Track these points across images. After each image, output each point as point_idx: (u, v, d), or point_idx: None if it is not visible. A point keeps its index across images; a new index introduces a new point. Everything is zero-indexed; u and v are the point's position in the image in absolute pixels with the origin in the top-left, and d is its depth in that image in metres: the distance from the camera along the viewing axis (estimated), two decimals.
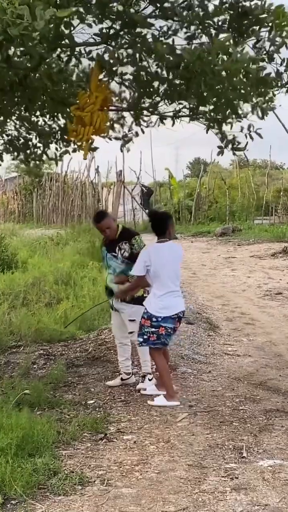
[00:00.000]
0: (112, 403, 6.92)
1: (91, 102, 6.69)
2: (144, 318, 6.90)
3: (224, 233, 27.52)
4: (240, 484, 4.75)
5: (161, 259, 6.88)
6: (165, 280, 6.90)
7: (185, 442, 5.68)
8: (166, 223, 7.10)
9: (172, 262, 7.01)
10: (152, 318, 6.83)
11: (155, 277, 6.86)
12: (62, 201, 36.70)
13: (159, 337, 6.88)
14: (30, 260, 15.93)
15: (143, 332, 6.91)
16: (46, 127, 8.07)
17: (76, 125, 6.80)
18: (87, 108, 6.68)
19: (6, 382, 7.36)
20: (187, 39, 6.35)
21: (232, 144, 7.25)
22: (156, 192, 36.98)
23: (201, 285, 15.03)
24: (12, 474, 4.66)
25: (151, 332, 6.86)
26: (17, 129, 8.15)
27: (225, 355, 9.07)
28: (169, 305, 6.91)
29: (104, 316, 10.84)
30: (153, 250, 6.95)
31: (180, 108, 7.34)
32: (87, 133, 6.76)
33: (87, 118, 6.69)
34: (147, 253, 6.92)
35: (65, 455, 5.36)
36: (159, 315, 6.83)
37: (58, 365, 8.12)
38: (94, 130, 6.81)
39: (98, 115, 6.73)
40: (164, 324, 6.85)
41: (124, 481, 4.86)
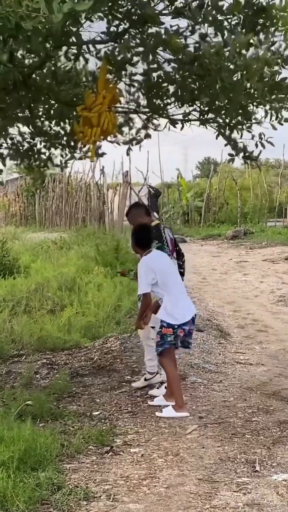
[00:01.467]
0: (118, 415, 6.92)
1: (99, 102, 6.70)
2: (164, 327, 6.90)
3: (235, 236, 27.51)
4: (253, 499, 4.73)
5: (161, 266, 6.97)
6: (173, 285, 6.96)
7: (195, 455, 5.67)
8: (149, 234, 7.22)
9: (171, 267, 7.15)
10: (174, 326, 6.86)
11: (163, 286, 6.90)
12: (65, 203, 36.69)
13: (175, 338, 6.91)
14: (33, 265, 15.94)
15: (164, 342, 6.91)
16: (51, 131, 8.09)
17: (83, 126, 6.81)
18: (95, 108, 6.69)
19: (8, 393, 7.37)
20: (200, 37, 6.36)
21: (244, 152, 7.27)
22: (164, 194, 36.98)
23: (212, 291, 15.02)
24: (14, 489, 4.66)
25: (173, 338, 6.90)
26: (21, 134, 8.17)
27: (237, 364, 9.06)
28: (185, 310, 6.99)
29: (110, 323, 10.87)
30: (150, 261, 6.98)
31: (190, 110, 7.35)
32: (95, 135, 6.77)
33: (94, 119, 6.70)
34: (147, 267, 6.94)
35: (69, 469, 5.35)
36: (179, 322, 6.87)
37: (62, 374, 8.12)
38: (102, 132, 6.83)
39: (105, 116, 6.75)
40: (184, 326, 6.91)
41: (131, 496, 4.85)
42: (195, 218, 34.89)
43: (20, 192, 41.91)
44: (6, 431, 5.53)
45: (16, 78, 6.49)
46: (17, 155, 8.20)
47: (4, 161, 8.04)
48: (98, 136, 6.82)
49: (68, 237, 23.28)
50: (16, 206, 41.96)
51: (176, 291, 7.00)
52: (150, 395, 7.45)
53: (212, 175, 36.90)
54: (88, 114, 6.70)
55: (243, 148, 7.24)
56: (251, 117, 6.97)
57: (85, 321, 10.79)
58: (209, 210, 34.69)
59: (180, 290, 7.09)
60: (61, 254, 18.50)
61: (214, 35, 6.24)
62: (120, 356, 9.23)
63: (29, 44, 5.87)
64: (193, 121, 7.52)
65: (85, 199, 34.93)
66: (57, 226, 35.93)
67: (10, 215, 42.07)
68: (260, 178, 34.60)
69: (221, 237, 28.11)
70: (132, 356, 9.13)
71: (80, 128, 6.84)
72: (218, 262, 20.65)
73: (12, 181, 43.74)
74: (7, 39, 5.84)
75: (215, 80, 6.16)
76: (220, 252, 23.50)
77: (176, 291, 6.99)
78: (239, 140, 7.24)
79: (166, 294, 6.92)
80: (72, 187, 37.06)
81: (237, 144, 7.24)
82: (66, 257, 17.42)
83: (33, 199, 40.33)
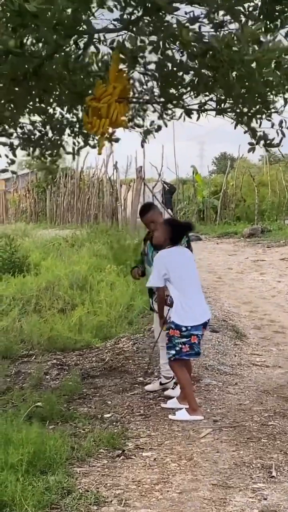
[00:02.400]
0: (130, 417, 6.93)
1: (109, 92, 6.68)
2: (172, 328, 6.88)
3: (252, 234, 27.41)
4: (268, 505, 4.73)
5: (177, 263, 6.95)
6: (187, 285, 6.95)
7: (209, 459, 5.67)
8: (183, 233, 7.28)
9: (189, 265, 7.10)
10: (181, 328, 6.82)
11: (177, 284, 6.88)
12: (77, 199, 36.73)
13: (192, 347, 6.89)
14: (43, 263, 15.96)
15: (174, 344, 6.88)
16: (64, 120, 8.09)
17: (92, 117, 6.80)
18: (104, 99, 6.67)
19: (17, 394, 7.40)
20: (214, 26, 6.33)
21: (264, 140, 7.23)
22: (179, 190, 36.93)
23: (227, 290, 14.99)
24: (23, 493, 4.68)
25: (183, 342, 6.84)
26: (32, 122, 8.17)
27: (253, 366, 9.05)
28: (198, 312, 6.95)
29: (122, 324, 10.87)
30: (166, 256, 6.97)
31: (206, 100, 7.33)
32: (103, 126, 6.76)
33: (103, 110, 6.68)
34: (161, 261, 6.93)
35: (79, 473, 5.36)
36: (189, 324, 6.84)
37: (73, 375, 8.14)
38: (111, 123, 6.81)
39: (115, 106, 6.73)
40: (195, 332, 6.87)
41: (143, 501, 4.86)
42: (210, 216, 34.82)
43: (30, 188, 41.95)
44: (15, 433, 5.55)
45: (26, 68, 6.49)
46: (29, 144, 8.21)
47: (14, 151, 8.05)
48: (106, 128, 6.81)
49: (80, 234, 23.30)
50: (27, 202, 42.01)
51: (190, 291, 6.97)
52: (165, 396, 7.46)
53: (229, 171, 36.76)
54: (97, 105, 6.69)
55: (263, 136, 7.20)
56: (270, 106, 6.93)
57: (96, 321, 10.80)
58: (225, 207, 34.59)
59: (195, 290, 7.06)
60: (72, 251, 18.50)
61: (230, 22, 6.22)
62: (132, 357, 9.25)
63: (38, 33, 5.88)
64: (209, 111, 7.49)
65: (97, 195, 34.95)
66: (68, 223, 35.97)
67: (21, 211, 42.13)
68: (279, 174, 34.47)
69: (238, 235, 28.00)
70: (145, 357, 9.13)
71: (89, 119, 6.84)
72: (234, 261, 20.58)
73: (23, 177, 43.82)
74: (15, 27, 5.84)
75: (228, 72, 6.15)
76: (236, 251, 23.43)
77: (190, 290, 6.96)
78: (259, 129, 7.21)
79: (178, 293, 6.89)
80: (84, 182, 37.06)
81: (257, 132, 7.21)
82: (77, 254, 17.43)
83: (44, 195, 40.35)
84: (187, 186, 38.78)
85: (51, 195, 39.45)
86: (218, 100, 7.21)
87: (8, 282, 13.48)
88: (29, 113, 7.81)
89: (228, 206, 34.71)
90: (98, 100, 6.71)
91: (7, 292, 12.40)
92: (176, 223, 7.48)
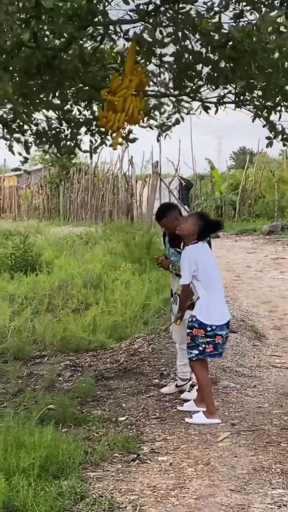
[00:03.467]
0: (145, 420, 6.93)
1: (125, 86, 6.67)
2: (195, 327, 6.86)
3: (272, 231, 27.35)
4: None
5: (205, 260, 6.92)
6: (214, 283, 6.94)
7: (227, 464, 5.66)
8: (213, 229, 7.33)
9: (214, 263, 7.10)
10: (206, 328, 6.81)
11: (203, 281, 6.86)
12: (91, 195, 36.77)
13: (216, 347, 6.88)
14: (56, 261, 15.98)
15: (197, 344, 6.86)
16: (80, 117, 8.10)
17: (107, 111, 6.78)
18: (120, 92, 6.66)
19: (29, 396, 7.41)
20: (234, 17, 6.31)
21: (282, 134, 7.21)
22: (196, 186, 36.90)
23: (246, 289, 14.97)
24: (35, 498, 4.68)
25: (207, 342, 6.83)
26: (47, 119, 8.18)
27: (272, 368, 9.02)
28: (222, 311, 6.97)
29: (137, 324, 10.86)
30: (196, 252, 6.92)
31: (225, 93, 7.31)
32: (119, 120, 6.75)
33: (119, 104, 6.67)
34: (191, 257, 6.88)
35: (93, 478, 5.37)
36: (215, 323, 6.83)
37: (86, 377, 8.14)
38: (127, 118, 6.80)
39: (131, 100, 6.71)
40: (220, 332, 6.86)
41: (159, 507, 4.85)
42: (229, 212, 34.75)
43: (43, 184, 42.03)
44: (27, 437, 5.56)
45: (40, 61, 6.50)
46: (44, 141, 8.21)
47: (28, 149, 8.06)
48: (122, 122, 6.79)
49: (95, 231, 23.32)
50: (40, 199, 42.08)
51: (215, 289, 6.97)
52: (181, 400, 7.45)
53: (248, 166, 36.67)
54: (113, 99, 6.67)
55: (281, 130, 7.18)
56: None
57: (111, 321, 10.80)
58: (244, 204, 34.51)
59: (219, 289, 7.06)
60: (86, 249, 18.53)
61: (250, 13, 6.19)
62: (148, 358, 9.24)
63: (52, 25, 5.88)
64: (228, 104, 7.48)
65: (112, 191, 34.96)
66: (82, 220, 36.00)
67: (33, 208, 42.20)
68: None
69: (257, 232, 27.96)
70: (161, 358, 9.13)
71: (104, 113, 6.82)
72: (253, 259, 20.55)
73: (36, 172, 43.91)
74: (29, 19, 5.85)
75: (249, 63, 6.12)
76: (256, 248, 23.40)
77: (215, 289, 6.95)
78: (278, 122, 7.18)
79: (204, 291, 6.87)
80: (99, 178, 37.11)
81: (276, 126, 7.19)
82: (91, 252, 17.45)
83: (57, 191, 40.40)
84: (205, 182, 38.71)
85: (65, 191, 39.49)
86: (237, 93, 7.19)
87: (20, 281, 13.51)
88: (44, 108, 7.81)
89: (247, 203, 34.62)
90: (113, 94, 6.70)
91: (19, 291, 12.43)
92: (208, 218, 7.40)
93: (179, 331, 7.65)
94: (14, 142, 7.84)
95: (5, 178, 46.47)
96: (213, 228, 7.28)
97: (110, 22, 6.61)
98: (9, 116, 7.68)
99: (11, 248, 15.91)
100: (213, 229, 7.31)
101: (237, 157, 67.11)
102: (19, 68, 6.36)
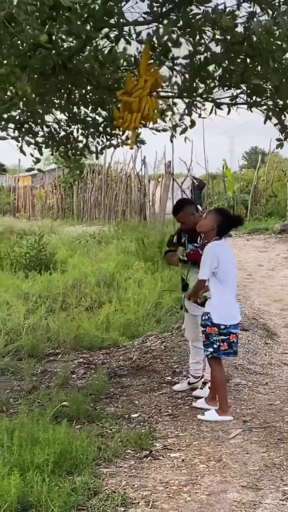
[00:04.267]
0: (158, 417, 6.93)
1: (140, 86, 6.68)
2: (208, 326, 6.86)
3: (284, 230, 27.24)
4: None
5: (226, 257, 6.92)
6: (230, 282, 6.94)
7: (239, 461, 5.66)
8: (232, 226, 7.22)
9: (233, 261, 7.09)
10: (220, 326, 6.81)
11: (221, 279, 6.85)
12: (105, 195, 36.77)
13: (231, 345, 6.89)
14: (70, 260, 16.02)
15: (211, 341, 6.85)
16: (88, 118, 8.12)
17: (123, 112, 6.80)
18: (135, 93, 6.68)
19: (43, 393, 7.43)
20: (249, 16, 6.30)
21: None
22: (209, 185, 36.84)
23: (257, 288, 14.93)
24: (49, 494, 4.69)
25: (221, 340, 6.83)
26: (57, 122, 8.21)
27: (284, 366, 9.01)
28: (237, 310, 7.01)
29: (150, 321, 10.87)
30: (219, 249, 6.91)
31: (238, 93, 7.30)
32: (135, 121, 6.77)
33: (134, 104, 6.69)
34: (214, 254, 6.85)
35: (106, 474, 5.38)
36: (229, 322, 6.84)
37: (99, 374, 8.15)
38: (142, 118, 6.81)
39: (146, 101, 6.73)
40: (234, 330, 6.89)
41: (171, 503, 4.86)
42: (241, 211, 34.65)
43: (57, 184, 42.04)
44: (41, 433, 5.57)
45: (55, 62, 6.52)
46: (53, 143, 8.24)
47: (40, 149, 8.09)
48: (138, 122, 6.81)
49: (108, 231, 23.33)
50: (53, 198, 42.13)
51: (231, 288, 6.97)
52: (193, 397, 7.45)
53: (260, 166, 36.59)
54: (129, 99, 6.69)
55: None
56: None
57: (124, 319, 10.82)
58: (256, 203, 34.43)
59: (233, 289, 7.06)
60: (99, 248, 18.55)
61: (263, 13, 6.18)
62: (160, 356, 9.25)
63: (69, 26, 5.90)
64: (240, 105, 7.46)
65: (125, 191, 34.95)
66: (95, 219, 36.01)
67: (47, 207, 42.26)
68: None
69: (269, 231, 27.86)
70: (173, 356, 9.13)
71: (120, 113, 6.83)
72: (265, 257, 20.49)
73: (50, 172, 43.96)
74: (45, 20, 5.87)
75: (266, 61, 6.11)
76: (267, 247, 23.32)
77: (231, 288, 6.96)
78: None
79: (220, 289, 6.86)
80: (112, 178, 37.09)
81: (286, 127, 7.17)
82: (105, 251, 17.47)
83: (71, 190, 40.41)
84: (217, 182, 38.66)
85: (78, 191, 39.50)
86: (249, 93, 7.17)
87: (35, 279, 13.54)
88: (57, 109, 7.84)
89: (258, 202, 34.53)
90: (129, 95, 6.72)
91: (33, 290, 12.46)
92: (228, 213, 7.34)
93: (192, 329, 7.65)
94: (25, 143, 7.87)
95: (20, 178, 46.64)
96: (233, 224, 7.16)
97: (126, 23, 6.62)
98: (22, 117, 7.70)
99: (26, 247, 15.95)
100: (233, 225, 7.18)
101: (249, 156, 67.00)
102: (35, 68, 6.38)
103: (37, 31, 5.41)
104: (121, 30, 6.86)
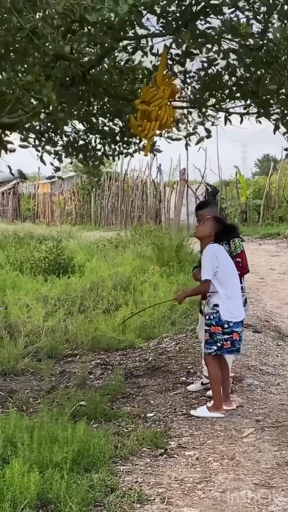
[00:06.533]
0: (173, 417, 6.92)
1: (159, 96, 6.74)
2: (213, 325, 6.86)
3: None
4: None
5: (226, 258, 6.95)
6: (233, 281, 6.94)
7: (252, 459, 5.64)
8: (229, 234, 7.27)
9: (231, 262, 7.09)
10: (224, 325, 6.82)
11: (224, 278, 6.86)
12: (121, 201, 36.86)
13: (234, 344, 6.89)
14: (88, 264, 16.03)
15: (215, 340, 6.86)
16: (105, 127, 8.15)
17: (141, 120, 6.83)
18: (155, 102, 6.72)
19: (62, 393, 7.44)
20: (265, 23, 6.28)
21: None
22: (222, 192, 36.79)
23: (270, 291, 14.90)
24: (67, 490, 4.70)
25: (225, 339, 6.84)
26: (76, 131, 8.25)
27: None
28: (240, 309, 6.98)
29: (165, 324, 10.86)
30: (218, 250, 6.95)
31: (250, 102, 7.29)
32: (153, 128, 6.81)
33: (153, 113, 6.74)
34: (213, 254, 6.88)
35: (123, 471, 5.37)
36: (232, 320, 6.84)
37: (116, 375, 8.15)
38: (160, 125, 6.86)
39: (165, 109, 6.78)
40: (236, 329, 6.88)
41: (186, 500, 4.84)
42: (253, 217, 34.59)
43: (76, 191, 42.22)
44: (60, 432, 5.58)
45: (75, 73, 6.55)
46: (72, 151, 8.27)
47: (60, 158, 8.13)
48: (155, 130, 6.85)
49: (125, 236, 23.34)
50: (72, 205, 42.28)
51: (234, 287, 6.97)
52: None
53: (272, 173, 36.50)
54: (147, 108, 6.73)
55: None
56: None
57: (140, 321, 10.79)
58: (268, 208, 34.34)
59: (237, 287, 7.06)
60: (116, 253, 18.55)
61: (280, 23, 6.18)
62: (175, 357, 9.23)
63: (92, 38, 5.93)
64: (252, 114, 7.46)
65: (141, 197, 35.00)
66: (112, 225, 36.10)
67: (66, 213, 42.41)
68: None
69: (280, 236, 27.81)
70: (188, 357, 9.12)
71: (138, 121, 6.87)
72: (277, 261, 20.44)
73: (68, 179, 44.11)
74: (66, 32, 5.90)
75: (283, 67, 6.11)
76: (279, 252, 23.27)
77: (233, 287, 6.96)
78: None
79: (222, 289, 6.86)
80: (129, 185, 37.16)
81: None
82: (121, 256, 17.47)
83: (89, 197, 40.54)
84: (230, 188, 38.61)
85: (96, 197, 39.62)
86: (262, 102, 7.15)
87: (54, 283, 13.55)
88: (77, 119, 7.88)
89: (270, 207, 34.45)
90: (147, 104, 6.75)
91: (52, 293, 12.46)
92: (224, 222, 7.42)
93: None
94: (45, 152, 7.90)
95: (39, 185, 46.81)
96: (228, 231, 7.27)
97: (144, 35, 6.66)
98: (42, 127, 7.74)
99: (45, 252, 15.97)
100: (229, 232, 7.28)
101: (261, 164, 66.85)
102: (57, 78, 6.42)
103: (61, 43, 5.44)
104: (138, 42, 6.89)
